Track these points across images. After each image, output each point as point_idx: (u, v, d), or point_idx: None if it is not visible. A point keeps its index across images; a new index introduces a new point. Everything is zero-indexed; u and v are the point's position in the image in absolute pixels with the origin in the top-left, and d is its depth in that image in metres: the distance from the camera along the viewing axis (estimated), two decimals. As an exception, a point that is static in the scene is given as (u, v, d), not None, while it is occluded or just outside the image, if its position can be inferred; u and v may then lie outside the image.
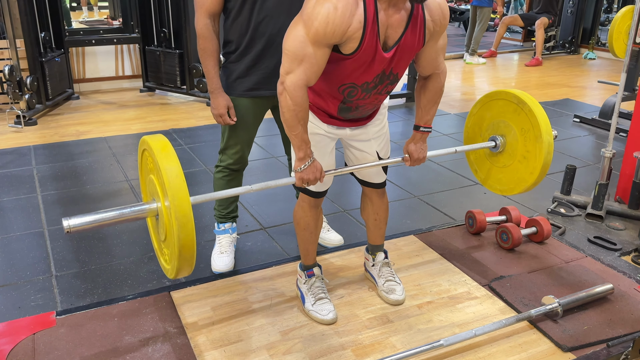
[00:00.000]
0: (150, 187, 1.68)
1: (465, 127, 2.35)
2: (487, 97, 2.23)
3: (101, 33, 5.58)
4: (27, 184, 3.27)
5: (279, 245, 2.62)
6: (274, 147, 3.92)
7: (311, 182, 1.76)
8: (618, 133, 4.18)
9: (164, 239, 1.66)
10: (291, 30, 1.59)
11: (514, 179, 2.19)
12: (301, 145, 1.70)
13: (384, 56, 1.64)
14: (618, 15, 4.64)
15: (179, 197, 1.48)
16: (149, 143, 1.57)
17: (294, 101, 1.61)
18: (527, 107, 2.07)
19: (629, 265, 2.42)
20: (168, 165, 1.51)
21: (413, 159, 1.93)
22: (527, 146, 2.10)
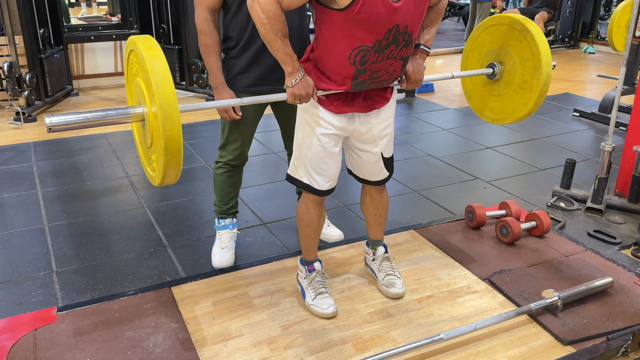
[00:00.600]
0: (136, 91, 1.62)
1: (464, 52, 2.32)
2: (491, 20, 2.19)
3: (100, 29, 5.57)
4: (27, 180, 3.27)
5: (279, 240, 2.62)
6: (274, 142, 3.92)
7: (303, 98, 1.72)
8: (618, 127, 4.18)
9: (150, 144, 1.61)
10: None
11: (508, 108, 2.17)
12: (286, 59, 1.66)
13: (393, 6, 1.58)
14: (618, 9, 4.63)
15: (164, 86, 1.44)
16: (136, 43, 1.52)
17: (266, 14, 1.58)
18: (530, 35, 2.03)
19: (628, 258, 2.43)
20: (153, 56, 1.47)
21: (410, 80, 1.89)
22: (525, 76, 2.07)
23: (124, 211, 2.90)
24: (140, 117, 1.58)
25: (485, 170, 3.52)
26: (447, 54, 7.31)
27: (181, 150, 1.49)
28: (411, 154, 3.81)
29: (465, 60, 2.31)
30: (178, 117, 1.45)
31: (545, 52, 2.01)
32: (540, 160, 3.70)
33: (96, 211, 2.90)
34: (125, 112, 1.57)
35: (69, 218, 2.81)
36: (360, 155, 1.98)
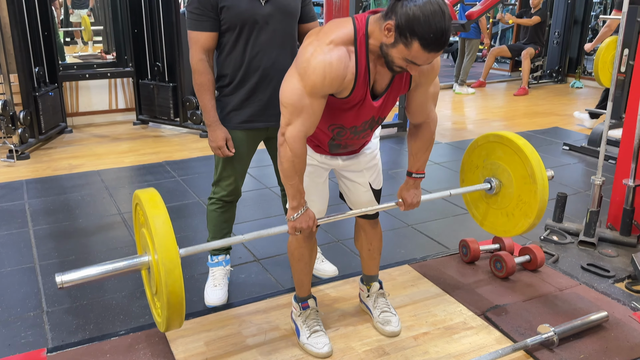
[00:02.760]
0: (143, 240, 1.71)
1: (462, 163, 2.38)
2: (484, 138, 2.26)
3: (95, 67, 5.63)
4: (18, 218, 3.25)
5: (272, 277, 2.60)
6: (267, 177, 3.93)
7: (304, 231, 1.79)
8: (607, 160, 4.23)
9: (155, 291, 1.68)
10: (287, 83, 1.62)
11: (510, 222, 2.21)
12: (295, 194, 1.73)
13: (372, 105, 1.70)
14: (602, 45, 4.75)
15: (166, 244, 1.52)
16: (140, 196, 1.63)
17: (294, 152, 1.64)
18: (522, 154, 2.09)
19: (622, 292, 2.43)
20: (156, 214, 1.56)
21: (407, 203, 1.97)
22: (522, 190, 2.13)
23: (116, 249, 2.88)
24: (146, 265, 1.65)
25: (478, 204, 3.53)
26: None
27: (183, 303, 1.55)
28: (404, 188, 3.83)
29: (463, 172, 2.38)
30: (179, 274, 1.52)
31: (538, 168, 2.06)
32: (532, 193, 3.72)
33: (88, 249, 2.88)
34: (133, 262, 1.64)
35: (60, 256, 2.79)
36: (349, 187, 2.01)
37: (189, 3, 2.07)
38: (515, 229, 2.19)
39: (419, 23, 1.43)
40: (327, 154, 1.91)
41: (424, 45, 1.46)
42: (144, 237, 1.66)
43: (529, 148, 2.09)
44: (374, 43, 1.58)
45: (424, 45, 1.46)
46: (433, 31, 1.43)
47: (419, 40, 1.45)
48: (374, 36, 1.58)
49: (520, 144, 2.10)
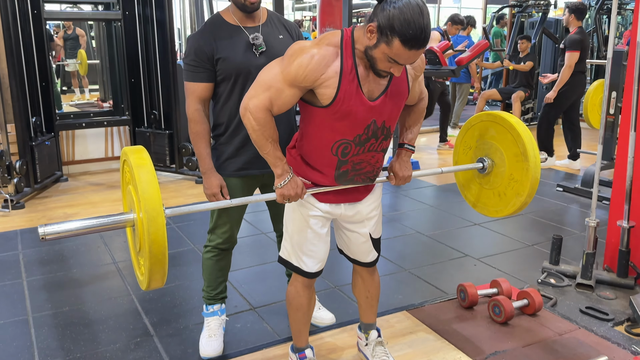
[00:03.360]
0: (128, 198, 1.70)
1: (455, 146, 2.39)
2: (477, 117, 2.27)
3: (91, 116, 5.70)
4: (12, 269, 3.22)
5: (269, 326, 2.57)
6: (263, 223, 3.93)
7: (292, 198, 1.78)
8: (601, 201, 4.26)
9: (139, 249, 1.66)
10: (267, 67, 1.71)
11: (502, 201, 2.20)
12: (276, 162, 1.75)
13: (370, 104, 1.70)
14: (590, 89, 4.86)
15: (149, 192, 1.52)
16: (127, 153, 1.63)
17: (258, 122, 1.68)
18: (515, 132, 2.10)
19: (622, 335, 2.41)
20: (140, 164, 1.56)
21: (398, 177, 1.96)
22: (514, 169, 2.13)
23: (111, 299, 2.85)
24: (130, 222, 1.66)
25: (474, 247, 3.53)
26: (430, 132, 7.52)
27: (165, 254, 1.55)
28: (400, 231, 3.83)
29: (456, 154, 2.39)
30: (162, 222, 1.52)
31: (531, 145, 2.09)
32: (527, 236, 3.73)
33: (82, 300, 2.84)
34: (118, 218, 1.65)
35: (54, 308, 2.75)
36: (349, 236, 2.00)
37: (186, 55, 2.12)
38: (507, 208, 2.18)
39: (399, 21, 1.50)
40: (331, 201, 1.90)
41: (404, 42, 1.52)
42: (130, 194, 1.65)
43: (521, 126, 2.10)
44: (360, 49, 1.65)
45: (404, 42, 1.52)
46: (412, 28, 1.50)
47: (399, 37, 1.52)
48: (359, 42, 1.65)
49: (513, 122, 2.11)
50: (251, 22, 2.13)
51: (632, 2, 7.44)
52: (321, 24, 5.31)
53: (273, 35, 2.15)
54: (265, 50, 2.11)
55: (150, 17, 5.06)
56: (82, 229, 1.58)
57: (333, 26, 5.19)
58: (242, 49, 2.09)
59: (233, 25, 2.11)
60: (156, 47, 5.10)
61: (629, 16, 8.21)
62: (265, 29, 2.14)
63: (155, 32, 5.06)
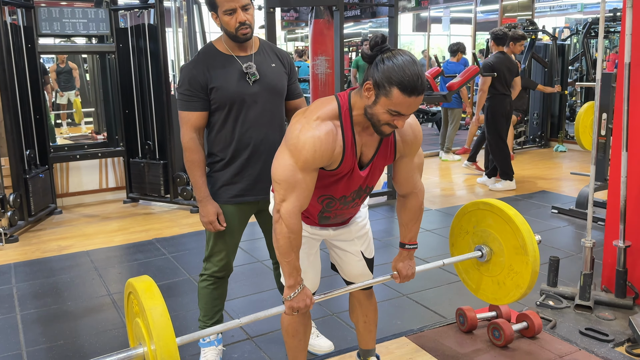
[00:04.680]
0: (136, 331, 1.66)
1: (451, 230, 2.39)
2: (473, 205, 2.28)
3: (86, 148, 5.70)
4: (5, 303, 3.17)
5: (267, 355, 2.53)
6: (259, 250, 3.91)
7: (301, 310, 1.76)
8: (596, 222, 4.27)
9: None
10: (278, 160, 1.67)
11: (502, 290, 2.20)
12: (292, 272, 1.72)
13: (360, 175, 1.74)
14: (581, 110, 4.91)
15: (164, 337, 1.47)
16: (134, 285, 1.58)
17: (290, 228, 1.66)
18: (514, 225, 2.11)
19: (623, 356, 2.39)
20: (152, 304, 1.51)
21: (402, 275, 1.97)
22: (513, 259, 2.13)
23: (106, 331, 2.81)
24: (140, 358, 1.60)
25: (472, 271, 3.51)
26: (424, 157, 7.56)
27: None
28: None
29: (453, 237, 2.39)
30: None
31: (530, 239, 2.09)
32: (524, 258, 3.71)
33: (77, 333, 2.80)
34: (127, 355, 1.59)
35: (48, 342, 2.71)
36: (341, 256, 2.01)
37: (180, 85, 2.14)
38: (507, 297, 2.19)
39: (394, 71, 1.53)
40: (317, 225, 1.92)
41: (402, 90, 1.53)
42: (138, 327, 1.61)
43: (519, 218, 2.11)
44: (358, 113, 1.66)
45: (402, 90, 1.53)
46: (408, 75, 1.52)
47: (398, 86, 1.53)
48: (356, 107, 1.66)
49: (511, 214, 2.12)
50: (243, 52, 2.16)
51: (618, 27, 7.59)
52: (313, 53, 5.38)
53: (266, 63, 2.18)
54: (259, 78, 2.13)
55: (144, 49, 5.12)
56: None
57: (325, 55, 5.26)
58: (236, 78, 2.12)
59: (226, 55, 2.14)
60: (150, 79, 5.14)
61: (616, 40, 8.36)
62: (258, 57, 2.17)
63: (149, 63, 5.11)
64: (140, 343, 1.62)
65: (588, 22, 7.80)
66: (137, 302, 1.59)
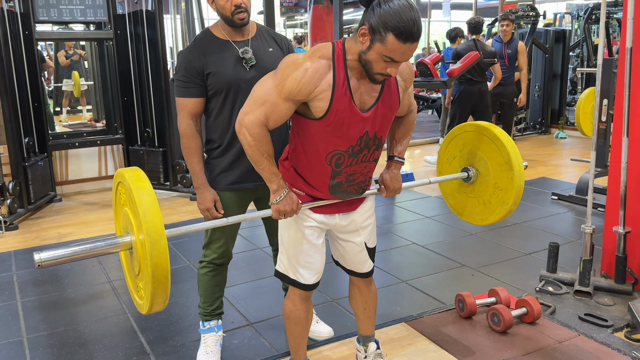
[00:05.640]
0: (124, 220, 1.67)
1: (439, 156, 2.41)
2: (460, 128, 2.29)
3: (84, 136, 5.68)
4: (6, 290, 3.18)
5: (267, 341, 2.54)
6: (258, 238, 3.91)
7: (288, 214, 1.77)
8: (596, 208, 4.27)
9: (137, 272, 1.62)
10: (261, 82, 1.71)
11: (487, 209, 2.21)
12: (271, 177, 1.74)
13: (362, 116, 1.71)
14: (582, 96, 4.88)
15: (151, 214, 1.49)
16: (124, 175, 1.59)
17: (254, 137, 1.68)
18: (499, 141, 2.12)
19: (622, 341, 2.39)
20: (140, 186, 1.53)
21: (389, 189, 1.96)
22: (499, 177, 2.14)
23: (106, 318, 2.82)
24: (128, 245, 1.62)
25: (471, 257, 3.52)
26: (424, 144, 7.55)
27: (168, 277, 1.52)
28: (396, 243, 3.82)
29: (440, 164, 2.41)
30: (165, 245, 1.50)
31: (515, 154, 2.10)
32: (523, 244, 3.72)
33: (77, 320, 2.81)
34: (114, 242, 1.61)
35: (49, 328, 2.71)
36: (344, 246, 1.99)
37: (177, 71, 2.12)
38: (493, 215, 2.19)
39: (390, 16, 1.51)
40: (326, 212, 1.89)
41: (398, 36, 1.52)
42: (126, 216, 1.62)
43: (504, 136, 2.12)
44: (352, 59, 1.66)
45: (398, 36, 1.52)
46: (404, 21, 1.51)
47: (393, 32, 1.52)
48: (350, 52, 1.66)
49: (497, 132, 2.13)
50: (240, 36, 2.13)
51: (619, 12, 7.54)
52: (312, 39, 5.34)
53: (262, 48, 2.16)
54: (255, 63, 2.11)
55: (142, 36, 5.08)
56: (78, 253, 1.55)
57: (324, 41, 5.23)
58: (232, 63, 2.10)
59: (222, 40, 2.12)
60: (148, 66, 5.11)
61: (616, 25, 8.30)
62: (255, 42, 2.15)
63: (147, 50, 5.08)
64: (127, 232, 1.62)
65: (589, 7, 7.74)
66: (125, 191, 1.60)
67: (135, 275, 1.66)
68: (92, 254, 1.57)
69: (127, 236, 1.62)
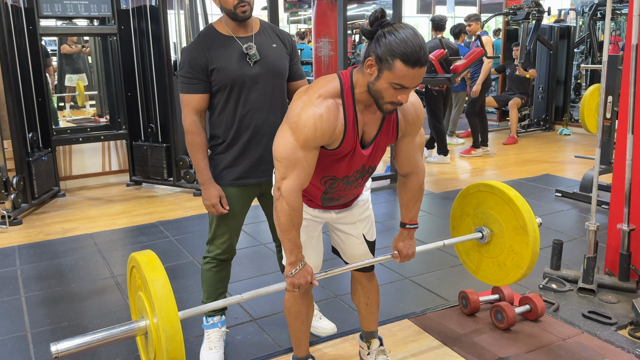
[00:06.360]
0: (139, 304, 1.67)
1: (452, 213, 2.38)
2: (475, 187, 2.28)
3: (88, 131, 5.69)
4: (10, 285, 3.19)
5: (270, 337, 2.55)
6: (262, 234, 3.91)
7: (302, 287, 1.77)
8: (600, 205, 4.25)
9: (153, 357, 1.62)
10: (280, 138, 1.66)
11: (502, 271, 2.20)
12: (293, 249, 1.72)
13: (362, 154, 1.73)
14: (586, 93, 4.87)
15: (166, 309, 1.48)
16: (137, 259, 1.60)
17: (290, 206, 1.65)
18: (514, 205, 2.10)
19: (626, 339, 2.39)
20: (155, 278, 1.52)
21: (402, 255, 1.97)
22: (513, 240, 2.13)
23: (110, 313, 2.82)
24: (143, 330, 1.62)
25: (475, 254, 3.51)
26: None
27: None
28: (400, 240, 3.81)
29: (454, 219, 2.39)
30: (181, 339, 1.50)
31: (530, 219, 2.07)
32: (527, 241, 3.71)
33: (81, 314, 2.82)
34: (130, 327, 1.61)
35: (52, 323, 2.72)
36: (343, 239, 2.01)
37: (181, 67, 2.12)
38: (507, 278, 2.18)
39: (397, 44, 1.51)
40: (320, 208, 1.91)
41: (405, 62, 1.51)
42: (141, 300, 1.62)
43: (520, 199, 2.11)
44: (360, 91, 1.64)
45: (405, 62, 1.51)
46: (410, 47, 1.50)
47: (400, 58, 1.51)
48: (358, 85, 1.64)
49: (512, 195, 2.11)
50: (244, 32, 2.13)
51: (625, 8, 7.50)
52: (316, 35, 5.33)
53: (266, 44, 2.16)
54: (259, 59, 2.11)
55: (145, 31, 5.08)
56: (95, 342, 1.55)
57: (328, 37, 5.21)
58: (236, 59, 2.09)
59: (226, 36, 2.11)
60: (152, 61, 5.11)
61: (622, 22, 8.26)
62: (259, 38, 2.15)
63: (151, 45, 5.08)
64: (142, 316, 1.62)
65: (594, 3, 7.70)
66: (139, 276, 1.60)
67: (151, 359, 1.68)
68: (108, 341, 1.58)
69: (142, 321, 1.62)
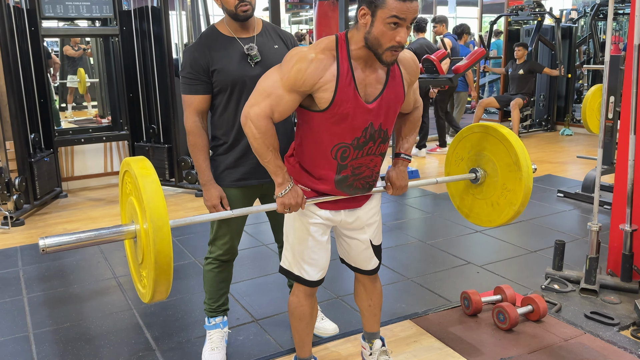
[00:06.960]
0: (129, 209, 1.68)
1: (447, 158, 2.40)
2: (468, 129, 2.29)
3: (90, 132, 5.69)
4: (12, 286, 3.20)
5: (272, 338, 2.55)
6: (263, 234, 3.91)
7: (293, 208, 1.78)
8: (602, 206, 4.25)
9: (141, 261, 1.63)
10: (266, 74, 1.73)
11: (494, 211, 2.20)
12: (276, 170, 1.76)
13: (367, 107, 1.71)
14: (588, 94, 4.86)
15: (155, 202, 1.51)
16: (130, 164, 1.61)
17: (259, 130, 1.69)
18: (507, 142, 2.11)
19: (629, 340, 2.38)
20: (145, 175, 1.55)
21: (395, 186, 1.95)
22: (507, 179, 2.13)
23: (112, 314, 2.83)
24: (132, 234, 1.64)
25: (477, 255, 3.51)
26: (429, 140, 7.51)
27: (171, 264, 1.52)
28: (401, 240, 3.81)
29: (448, 165, 2.40)
30: (168, 231, 1.52)
31: (523, 155, 2.09)
32: (529, 242, 3.71)
33: (83, 315, 2.82)
34: (118, 229, 1.63)
35: (54, 324, 2.73)
36: (349, 243, 1.99)
37: (182, 68, 2.12)
38: (501, 217, 2.18)
39: None
40: (332, 208, 1.89)
41: None
42: (131, 205, 1.63)
43: (513, 136, 2.11)
44: (357, 47, 1.67)
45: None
46: None
47: None
48: (354, 41, 1.67)
49: (505, 132, 2.12)
50: (245, 33, 2.13)
51: (627, 8, 7.49)
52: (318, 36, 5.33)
53: (268, 45, 2.16)
54: (261, 60, 2.11)
55: (147, 32, 5.08)
56: (83, 240, 1.57)
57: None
58: (237, 59, 2.09)
59: (227, 37, 2.11)
60: (154, 62, 5.11)
61: (624, 23, 8.25)
62: (260, 39, 2.15)
63: (153, 46, 5.08)
64: (132, 221, 1.63)
65: (596, 3, 7.69)
66: (131, 181, 1.61)
67: (139, 263, 1.68)
68: (96, 241, 1.60)
69: (132, 225, 1.63)
